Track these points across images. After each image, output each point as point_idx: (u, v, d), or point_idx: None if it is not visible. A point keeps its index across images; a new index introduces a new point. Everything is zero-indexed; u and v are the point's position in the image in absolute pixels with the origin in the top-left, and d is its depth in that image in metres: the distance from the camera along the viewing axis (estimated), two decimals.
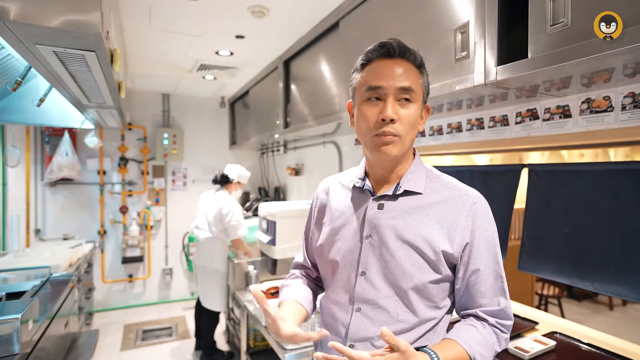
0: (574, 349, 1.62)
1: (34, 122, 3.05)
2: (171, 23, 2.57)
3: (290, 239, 2.70)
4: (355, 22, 2.10)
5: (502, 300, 0.97)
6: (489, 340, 0.95)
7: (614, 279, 1.45)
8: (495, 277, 0.98)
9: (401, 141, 0.95)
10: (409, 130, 0.96)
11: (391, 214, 1.00)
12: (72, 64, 1.57)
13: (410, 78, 0.95)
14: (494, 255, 0.99)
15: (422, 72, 1.00)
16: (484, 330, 0.96)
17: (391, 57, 0.97)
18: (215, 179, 3.57)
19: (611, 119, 1.40)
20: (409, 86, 0.94)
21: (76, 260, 3.08)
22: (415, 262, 0.96)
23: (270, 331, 0.96)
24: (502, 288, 0.98)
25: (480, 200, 1.01)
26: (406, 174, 1.02)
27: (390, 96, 0.94)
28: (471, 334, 0.95)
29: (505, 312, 0.98)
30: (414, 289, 0.96)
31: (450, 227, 0.97)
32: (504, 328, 0.98)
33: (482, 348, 0.93)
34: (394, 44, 0.96)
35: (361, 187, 1.07)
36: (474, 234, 0.97)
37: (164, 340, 3.87)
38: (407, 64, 0.97)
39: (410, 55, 0.98)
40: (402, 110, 0.94)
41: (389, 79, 0.94)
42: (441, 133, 2.15)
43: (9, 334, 1.46)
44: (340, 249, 1.06)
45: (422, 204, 0.99)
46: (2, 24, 1.13)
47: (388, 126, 0.93)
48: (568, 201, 1.62)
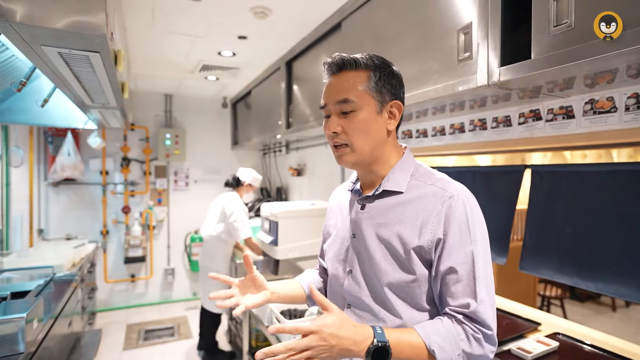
0: (577, 350, 1.62)
1: (37, 122, 3.06)
2: (174, 24, 2.58)
3: (292, 239, 2.70)
4: (357, 22, 2.10)
5: (472, 302, 0.88)
6: (452, 334, 0.88)
7: (616, 279, 1.45)
8: (468, 277, 0.90)
9: (353, 149, 1.00)
10: (358, 137, 0.98)
11: (370, 213, 1.04)
12: (77, 64, 1.58)
13: (350, 88, 0.98)
14: (469, 253, 0.91)
15: (371, 73, 0.99)
16: (450, 324, 0.89)
17: (334, 74, 1.03)
18: (227, 182, 3.58)
19: (615, 119, 1.40)
20: (345, 98, 0.98)
21: (79, 260, 3.09)
22: (388, 260, 0.98)
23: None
24: (473, 290, 0.89)
25: (459, 194, 0.95)
26: (388, 174, 1.04)
27: (332, 112, 1.01)
28: (433, 325, 0.90)
29: (477, 315, 0.88)
30: (389, 286, 0.97)
31: (422, 222, 0.94)
32: (475, 329, 0.88)
33: (442, 339, 0.87)
34: (332, 62, 1.02)
35: (352, 190, 1.14)
36: (447, 229, 0.92)
37: (166, 340, 3.88)
38: (349, 74, 1.00)
39: (350, 64, 1.00)
40: (344, 121, 0.99)
41: (328, 97, 1.02)
42: (444, 134, 2.15)
43: (14, 333, 1.47)
44: (334, 250, 1.14)
45: (401, 202, 1.00)
46: (8, 25, 1.14)
47: (335, 138, 1.01)
48: (570, 202, 1.62)
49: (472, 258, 0.91)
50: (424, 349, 0.86)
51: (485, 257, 0.93)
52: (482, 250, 0.93)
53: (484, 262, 0.93)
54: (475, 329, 0.88)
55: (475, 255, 0.91)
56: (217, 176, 5.16)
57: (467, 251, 0.91)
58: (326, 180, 3.61)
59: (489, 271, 0.94)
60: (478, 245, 0.92)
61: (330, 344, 0.82)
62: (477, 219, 0.95)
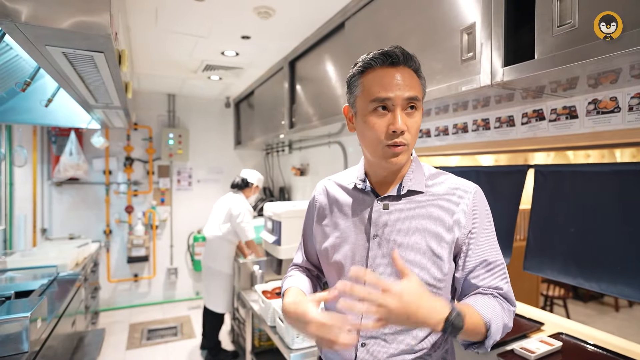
0: (580, 350, 1.61)
1: (41, 122, 3.08)
2: (177, 24, 2.58)
3: (295, 239, 2.70)
4: (360, 23, 2.11)
5: (504, 285, 0.98)
6: (497, 308, 0.93)
7: (620, 279, 1.45)
8: (498, 263, 0.99)
9: (408, 149, 0.98)
10: (414, 137, 0.98)
11: (397, 213, 1.02)
12: (81, 64, 1.59)
13: (415, 86, 0.96)
14: (494, 242, 1.01)
15: (420, 75, 1.00)
16: (491, 300, 0.95)
17: (395, 65, 0.96)
18: (234, 183, 3.56)
19: (618, 119, 1.40)
20: (415, 95, 0.94)
21: (82, 259, 3.10)
22: (424, 259, 0.97)
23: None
24: (504, 274, 0.99)
25: (479, 190, 1.04)
26: (407, 174, 1.04)
27: (398, 107, 0.93)
28: (479, 300, 0.94)
29: (508, 295, 0.98)
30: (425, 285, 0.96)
31: (456, 218, 0.99)
32: (508, 304, 0.97)
33: (492, 313, 0.91)
34: (398, 52, 0.95)
35: (362, 189, 1.08)
36: (475, 221, 0.99)
37: (169, 339, 3.89)
38: (409, 71, 0.97)
39: (412, 61, 0.98)
40: (409, 119, 0.95)
41: (396, 90, 0.93)
42: (447, 133, 2.15)
43: (18, 332, 1.48)
44: (345, 251, 1.07)
45: (425, 201, 1.02)
46: (14, 25, 1.14)
47: (399, 137, 0.93)
48: (574, 202, 1.62)
49: (497, 246, 1.02)
50: (481, 323, 0.89)
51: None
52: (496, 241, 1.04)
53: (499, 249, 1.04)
54: (509, 305, 0.98)
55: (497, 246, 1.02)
56: (220, 176, 5.17)
57: (492, 241, 1.01)
58: None
59: None
60: (495, 235, 1.04)
61: (408, 311, 0.79)
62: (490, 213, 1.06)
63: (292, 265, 1.29)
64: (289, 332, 1.92)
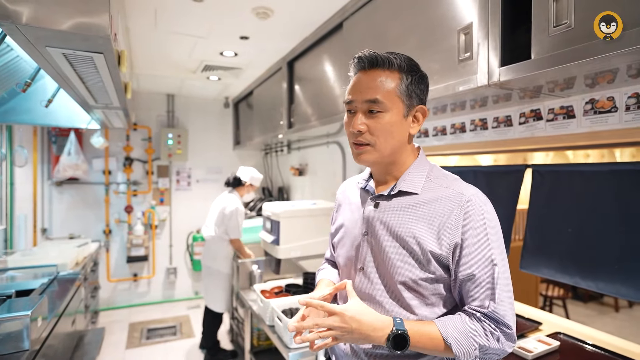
0: (578, 349, 1.62)
1: (41, 122, 3.09)
2: (176, 24, 2.59)
3: (294, 239, 2.71)
4: (359, 23, 2.11)
5: (491, 303, 0.91)
6: (469, 329, 0.91)
7: (617, 279, 1.45)
8: (487, 281, 0.92)
9: (375, 149, 0.99)
10: (383, 138, 0.98)
11: (385, 212, 1.04)
12: (81, 65, 1.60)
13: (380, 88, 0.97)
14: (487, 258, 0.93)
15: (403, 75, 0.99)
16: (468, 320, 0.92)
17: (364, 69, 1.01)
18: (227, 181, 3.58)
19: (615, 119, 1.41)
20: (375, 98, 0.96)
21: (82, 259, 3.11)
22: (404, 259, 0.98)
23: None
24: (492, 292, 0.92)
25: (476, 198, 0.96)
26: (404, 174, 1.05)
27: (359, 109, 0.99)
28: (452, 320, 0.93)
29: (496, 315, 0.91)
30: (404, 284, 0.98)
31: (440, 226, 0.95)
32: (493, 327, 0.91)
33: (459, 334, 0.90)
34: (364, 57, 0.99)
35: (364, 188, 1.14)
36: (464, 233, 0.94)
37: (168, 339, 3.90)
38: (381, 73, 0.98)
39: (384, 62, 0.98)
40: (371, 121, 0.98)
41: (357, 93, 0.99)
42: (445, 133, 2.16)
43: (19, 331, 1.49)
44: (345, 246, 1.14)
45: (415, 203, 1.01)
46: (14, 27, 1.15)
47: (358, 136, 0.99)
48: (572, 201, 1.63)
49: (491, 262, 0.93)
50: (441, 341, 0.91)
51: (502, 260, 0.95)
52: (499, 253, 0.95)
53: (502, 265, 0.95)
54: (494, 326, 0.92)
55: (494, 259, 0.93)
56: (219, 176, 5.18)
57: (485, 256, 0.93)
58: (328, 180, 3.63)
59: (507, 273, 0.96)
60: (495, 249, 0.94)
61: (351, 327, 0.89)
62: (493, 223, 0.97)
63: (324, 259, 1.40)
64: (288, 331, 1.93)
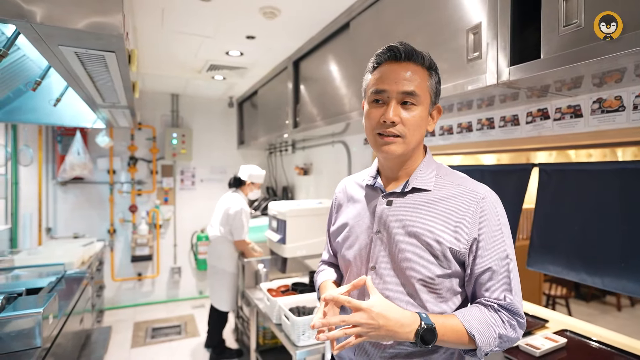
0: (585, 346, 1.63)
1: (47, 121, 3.09)
2: (183, 24, 2.61)
3: (300, 237, 2.73)
4: (365, 23, 2.12)
5: (507, 295, 0.96)
6: (489, 320, 0.94)
7: (623, 276, 1.47)
8: (503, 274, 0.97)
9: (404, 141, 1.00)
10: (413, 131, 1.00)
11: (399, 210, 1.04)
12: (92, 64, 1.61)
13: (416, 81, 0.98)
14: (502, 252, 0.97)
15: (431, 73, 1.02)
16: (487, 311, 0.96)
17: (398, 60, 1.00)
18: (230, 182, 3.60)
19: (622, 118, 1.42)
20: (412, 90, 0.97)
21: (88, 258, 3.13)
22: (422, 256, 0.99)
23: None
24: (508, 285, 0.97)
25: (489, 195, 1.01)
26: (415, 171, 1.06)
27: (393, 100, 0.99)
28: (470, 312, 0.96)
29: (512, 306, 0.96)
30: (421, 282, 0.99)
31: (456, 223, 0.98)
32: (510, 317, 0.96)
33: (480, 325, 0.93)
34: (400, 48, 1.00)
35: (372, 185, 1.12)
36: (481, 229, 0.97)
37: (173, 338, 3.91)
38: (414, 67, 1.00)
39: (418, 57, 1.00)
40: (404, 113, 0.98)
41: (392, 83, 0.98)
42: (451, 133, 2.17)
43: (31, 328, 1.50)
44: (353, 245, 1.11)
45: (430, 200, 1.02)
46: (29, 25, 1.16)
47: (392, 127, 0.99)
48: (578, 200, 1.64)
49: (506, 256, 0.98)
50: (464, 333, 0.93)
51: (513, 254, 1.01)
52: (511, 248, 1.00)
53: (514, 259, 1.00)
54: (511, 317, 0.97)
55: (509, 253, 0.98)
56: (223, 175, 5.19)
57: (501, 250, 0.98)
58: (332, 179, 3.64)
59: (516, 266, 1.01)
60: (508, 244, 0.99)
61: (378, 323, 0.88)
62: (504, 220, 1.02)
63: (320, 261, 1.37)
64: (295, 329, 1.94)
